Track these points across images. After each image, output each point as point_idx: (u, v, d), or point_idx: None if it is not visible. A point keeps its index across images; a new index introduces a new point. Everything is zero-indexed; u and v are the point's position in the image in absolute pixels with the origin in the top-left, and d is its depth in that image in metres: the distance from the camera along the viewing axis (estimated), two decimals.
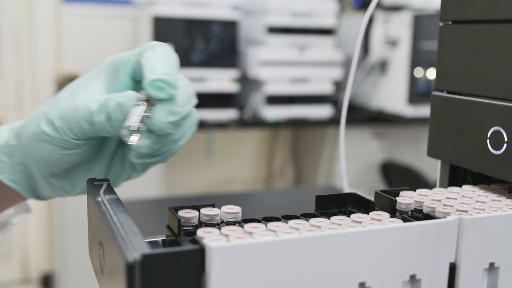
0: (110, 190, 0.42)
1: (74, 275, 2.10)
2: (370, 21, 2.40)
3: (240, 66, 2.28)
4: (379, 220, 0.40)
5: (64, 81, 2.32)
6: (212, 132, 2.24)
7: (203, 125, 2.14)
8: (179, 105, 0.43)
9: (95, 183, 0.44)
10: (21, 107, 2.45)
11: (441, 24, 0.52)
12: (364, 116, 2.35)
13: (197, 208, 0.42)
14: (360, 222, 0.40)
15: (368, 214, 0.42)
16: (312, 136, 2.64)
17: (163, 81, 0.42)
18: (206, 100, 2.15)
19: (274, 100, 2.24)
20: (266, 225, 0.39)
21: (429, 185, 1.98)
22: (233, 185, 2.73)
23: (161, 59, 0.43)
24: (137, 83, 0.47)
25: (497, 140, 0.45)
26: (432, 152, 0.53)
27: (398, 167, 2.35)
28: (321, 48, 2.31)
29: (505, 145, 0.45)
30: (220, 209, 0.42)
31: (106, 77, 0.47)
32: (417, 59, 2.20)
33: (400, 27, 2.25)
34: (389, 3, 2.29)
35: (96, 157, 0.49)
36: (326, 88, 2.31)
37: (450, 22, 0.51)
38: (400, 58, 2.26)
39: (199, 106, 2.06)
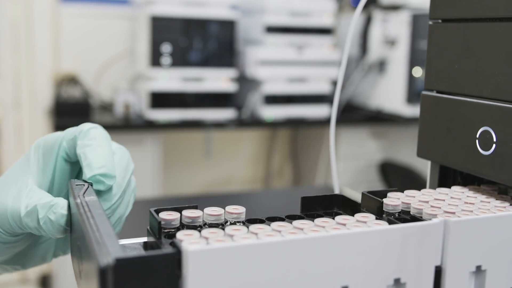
0: (90, 192, 0.42)
1: (72, 275, 2.10)
2: (369, 20, 2.39)
3: (238, 66, 2.27)
4: (364, 222, 0.40)
5: (62, 81, 2.32)
6: (210, 132, 2.24)
7: (201, 125, 2.14)
8: (116, 191, 0.45)
9: (76, 184, 0.43)
10: (19, 106, 2.45)
11: (430, 22, 0.51)
12: (362, 116, 2.34)
13: (179, 210, 0.41)
14: (344, 224, 0.39)
15: (353, 216, 0.41)
16: (310, 135, 2.63)
17: (105, 175, 0.43)
18: (204, 99, 2.15)
19: (272, 99, 2.23)
20: (248, 228, 0.38)
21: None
22: (231, 185, 2.72)
23: (96, 148, 0.45)
24: (71, 165, 0.48)
25: (486, 141, 0.45)
26: (422, 152, 0.52)
27: (396, 167, 2.34)
28: (320, 47, 2.30)
29: (494, 145, 0.44)
30: (203, 211, 0.41)
31: (37, 164, 0.47)
32: (416, 58, 2.19)
33: (398, 26, 2.24)
34: (388, 3, 2.29)
35: (40, 237, 0.49)
36: (324, 87, 2.30)
37: (440, 21, 0.50)
38: (399, 57, 2.25)
39: (197, 105, 2.04)
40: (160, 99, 2.10)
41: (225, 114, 2.17)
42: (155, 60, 2.08)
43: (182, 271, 0.32)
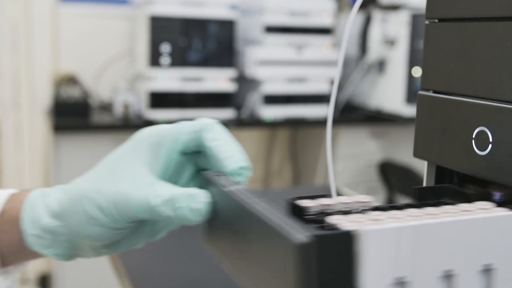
0: (232, 181, 0.44)
1: (71, 275, 2.10)
2: (368, 20, 2.39)
3: (238, 66, 2.27)
4: (487, 209, 0.41)
5: (61, 81, 2.32)
6: None
7: None
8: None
9: (211, 175, 0.45)
10: (18, 106, 2.45)
11: (427, 22, 0.51)
12: (362, 116, 2.34)
13: (311, 198, 0.43)
14: (469, 211, 0.41)
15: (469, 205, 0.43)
16: (310, 135, 2.63)
17: (244, 168, 0.46)
18: (203, 99, 2.15)
19: (272, 99, 2.23)
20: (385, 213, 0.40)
21: None
22: None
23: (230, 143, 0.48)
24: (185, 157, 0.50)
25: (482, 141, 0.44)
26: (418, 153, 0.52)
27: (396, 167, 2.34)
28: (319, 47, 2.30)
29: (490, 145, 0.44)
30: (335, 198, 0.44)
31: (147, 154, 0.48)
32: (415, 58, 2.19)
33: (398, 26, 2.24)
34: (387, 2, 2.28)
35: (143, 223, 0.50)
36: (324, 87, 2.30)
37: (436, 20, 0.50)
38: (398, 57, 2.25)
39: (196, 105, 2.05)
40: (160, 99, 2.10)
41: (225, 114, 2.17)
42: (155, 60, 2.08)
43: (358, 249, 0.34)
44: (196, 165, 0.51)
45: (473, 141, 0.45)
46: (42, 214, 0.49)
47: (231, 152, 0.47)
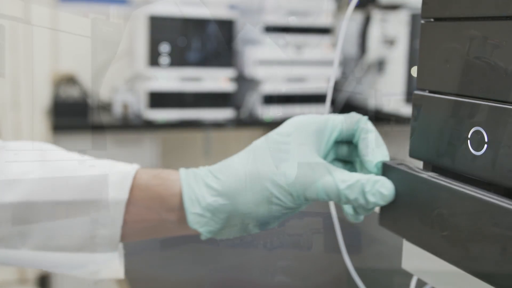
0: (420, 168, 0.50)
1: (71, 275, 2.09)
2: (367, 20, 2.39)
3: (237, 66, 2.27)
4: None
5: (60, 81, 2.31)
6: (208, 132, 2.23)
7: (199, 124, 2.14)
8: None
9: (394, 164, 0.51)
10: (18, 106, 2.45)
11: (422, 21, 0.51)
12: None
13: None
14: None
15: None
16: None
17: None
18: (202, 99, 2.14)
19: (271, 99, 2.23)
20: None
21: None
22: None
23: (379, 136, 0.55)
24: (336, 144, 0.56)
25: (477, 141, 0.44)
26: (414, 153, 0.52)
27: None
28: (319, 47, 2.30)
29: (485, 145, 0.44)
30: None
31: (311, 140, 0.53)
32: (415, 58, 2.18)
33: (397, 26, 2.24)
34: (387, 2, 2.28)
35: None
36: (323, 87, 2.29)
37: (432, 20, 0.50)
38: (398, 57, 2.24)
39: (195, 105, 2.03)
40: (159, 99, 2.10)
41: (224, 114, 2.17)
42: (154, 60, 2.08)
43: None
44: (335, 153, 0.56)
45: (468, 141, 0.45)
46: (204, 194, 0.51)
47: (382, 144, 0.54)
